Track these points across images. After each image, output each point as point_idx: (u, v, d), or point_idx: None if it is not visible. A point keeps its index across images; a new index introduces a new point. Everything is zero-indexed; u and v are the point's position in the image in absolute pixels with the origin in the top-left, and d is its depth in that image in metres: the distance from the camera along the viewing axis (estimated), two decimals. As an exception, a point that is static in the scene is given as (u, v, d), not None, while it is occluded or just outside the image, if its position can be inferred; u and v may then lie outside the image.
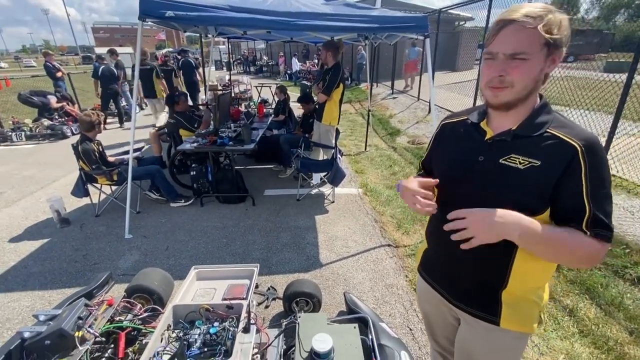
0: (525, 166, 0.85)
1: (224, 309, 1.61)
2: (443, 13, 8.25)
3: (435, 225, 1.10)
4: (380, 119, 8.19)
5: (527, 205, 0.85)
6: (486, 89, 0.88)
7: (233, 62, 22.33)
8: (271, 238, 3.18)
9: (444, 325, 1.22)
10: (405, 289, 2.50)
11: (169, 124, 4.46)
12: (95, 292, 1.90)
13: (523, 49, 0.78)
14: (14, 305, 2.35)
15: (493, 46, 0.82)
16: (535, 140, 0.86)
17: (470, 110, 1.05)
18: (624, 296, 2.32)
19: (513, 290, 0.95)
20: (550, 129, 0.85)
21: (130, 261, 2.84)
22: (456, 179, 0.98)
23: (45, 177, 4.78)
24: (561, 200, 0.83)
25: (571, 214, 0.83)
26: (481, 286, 0.99)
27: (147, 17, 2.77)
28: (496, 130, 0.92)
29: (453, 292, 1.07)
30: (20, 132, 6.71)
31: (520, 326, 0.97)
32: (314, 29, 3.10)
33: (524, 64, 0.80)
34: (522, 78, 0.81)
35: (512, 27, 0.79)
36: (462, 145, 1.00)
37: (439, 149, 1.12)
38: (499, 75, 0.82)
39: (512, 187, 0.87)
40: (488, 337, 1.02)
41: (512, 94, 0.84)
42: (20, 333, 1.51)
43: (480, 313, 1.00)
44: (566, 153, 0.81)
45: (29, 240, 3.15)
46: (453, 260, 1.02)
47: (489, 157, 0.91)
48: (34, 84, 9.12)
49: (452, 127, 1.08)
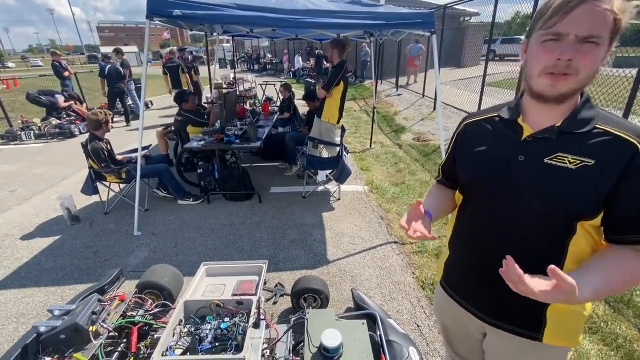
0: (577, 166, 0.75)
1: (234, 305, 1.63)
2: (448, 9, 8.17)
3: (463, 234, 1.02)
4: (385, 116, 8.16)
5: (577, 209, 0.77)
6: (542, 76, 0.75)
7: (237, 60, 22.37)
8: (278, 235, 3.20)
9: (467, 339, 1.12)
10: (413, 286, 2.51)
11: (177, 122, 4.49)
12: (107, 288, 1.94)
13: (598, 32, 0.68)
14: (28, 301, 2.40)
15: (563, 26, 0.70)
16: (584, 138, 0.76)
17: (497, 108, 0.95)
18: (633, 293, 2.30)
19: (560, 306, 0.85)
20: (599, 125, 0.76)
21: (140, 258, 2.88)
22: (490, 183, 0.89)
23: (55, 175, 4.86)
24: (621, 204, 0.74)
25: (632, 219, 0.74)
26: (522, 303, 0.83)
27: (154, 16, 2.79)
28: (536, 127, 0.82)
29: (486, 309, 0.97)
30: (29, 131, 6.81)
31: (566, 341, 0.89)
32: (321, 26, 3.09)
33: (595, 50, 0.70)
34: (590, 66, 0.71)
35: (589, 6, 0.68)
36: (494, 146, 0.90)
37: (464, 151, 1.00)
38: (568, 60, 0.70)
39: (561, 189, 0.77)
40: (529, 354, 0.93)
41: (574, 83, 0.73)
42: (36, 327, 1.55)
43: (519, 330, 0.91)
44: (624, 151, 0.72)
45: (40, 238, 3.21)
46: (488, 274, 0.89)
47: (531, 157, 0.81)
48: (42, 84, 9.24)
49: (478, 126, 0.97)
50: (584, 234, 0.79)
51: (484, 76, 6.35)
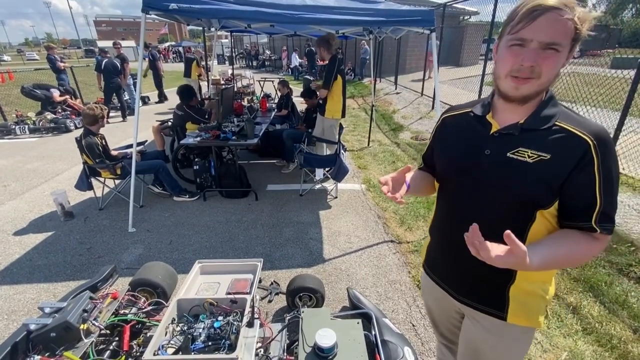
0: (535, 160, 0.83)
1: (228, 304, 1.61)
2: (448, 7, 8.15)
3: (439, 220, 1.10)
4: (384, 114, 8.15)
5: (535, 199, 0.84)
6: (507, 78, 0.82)
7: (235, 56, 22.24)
8: (274, 233, 3.18)
9: (448, 320, 1.22)
10: (409, 285, 2.50)
11: (177, 116, 4.44)
12: (100, 285, 1.91)
13: (559, 39, 0.75)
14: (19, 298, 2.37)
15: (527, 32, 0.76)
16: (543, 134, 0.84)
17: (473, 103, 1.02)
18: (628, 294, 2.31)
19: (520, 285, 0.94)
20: (558, 122, 0.83)
21: (134, 255, 2.85)
22: (460, 173, 0.97)
23: (49, 170, 4.80)
24: (572, 195, 0.82)
25: (582, 208, 0.82)
26: (487, 282, 0.98)
27: (150, 10, 2.75)
28: (502, 123, 0.90)
29: (457, 288, 1.06)
30: (23, 125, 6.72)
31: (528, 321, 0.97)
32: (319, 22, 3.07)
33: (556, 55, 0.76)
34: (551, 70, 0.78)
35: (552, 15, 0.74)
36: (466, 139, 0.98)
37: (440, 143, 1.10)
38: (530, 65, 0.77)
39: (520, 180, 0.85)
40: (494, 332, 1.01)
41: (536, 86, 0.80)
42: (26, 325, 1.52)
43: (486, 308, 1.00)
44: (577, 147, 0.80)
45: (33, 233, 3.17)
46: (457, 255, 0.99)
47: (496, 151, 0.89)
48: (37, 77, 9.12)
49: (454, 120, 1.05)
50: (542, 221, 0.88)
51: (482, 75, 6.34)
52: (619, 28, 12.46)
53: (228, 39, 18.94)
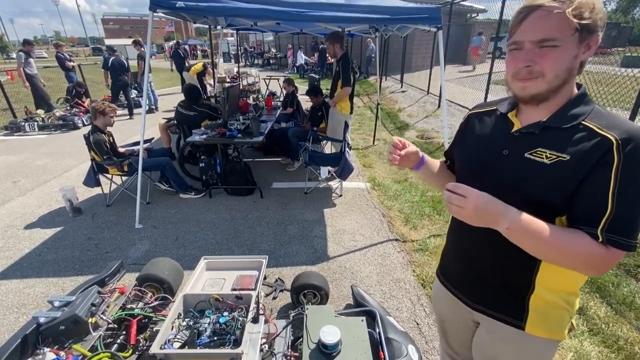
0: (552, 161, 0.77)
1: (234, 299, 1.62)
2: (455, 5, 8.07)
3: (455, 222, 1.06)
4: (389, 112, 8.11)
5: (550, 204, 0.78)
6: (513, 81, 0.82)
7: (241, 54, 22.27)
8: (279, 230, 3.20)
9: (460, 329, 1.16)
10: (413, 284, 2.50)
11: (186, 116, 4.43)
12: (107, 280, 1.94)
13: (552, 34, 0.72)
14: (29, 292, 2.41)
15: (518, 35, 0.77)
16: (566, 134, 0.78)
17: (501, 100, 0.99)
18: (635, 295, 2.28)
19: (541, 295, 0.88)
20: (585, 121, 0.77)
21: (141, 251, 2.88)
22: (476, 173, 0.93)
23: (58, 166, 4.87)
24: (580, 196, 0.75)
25: (588, 212, 0.74)
26: (505, 288, 0.92)
27: (157, 8, 2.77)
28: (525, 122, 0.86)
29: (472, 294, 1.01)
30: (32, 122, 6.81)
31: (548, 332, 0.90)
32: (326, 20, 3.06)
33: (555, 51, 0.73)
34: (553, 66, 0.75)
35: (538, 13, 0.73)
36: (487, 138, 0.95)
37: (461, 140, 1.06)
38: (526, 66, 0.77)
39: (534, 184, 0.80)
40: (513, 342, 0.95)
41: (543, 84, 0.77)
42: (36, 318, 1.56)
43: (503, 317, 0.94)
44: (599, 146, 0.73)
45: (42, 229, 3.22)
46: (473, 259, 0.96)
47: (514, 151, 0.85)
48: (46, 75, 9.23)
49: (479, 118, 1.02)
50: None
51: (489, 74, 6.28)
52: (630, 26, 12.22)
53: (234, 37, 18.97)
